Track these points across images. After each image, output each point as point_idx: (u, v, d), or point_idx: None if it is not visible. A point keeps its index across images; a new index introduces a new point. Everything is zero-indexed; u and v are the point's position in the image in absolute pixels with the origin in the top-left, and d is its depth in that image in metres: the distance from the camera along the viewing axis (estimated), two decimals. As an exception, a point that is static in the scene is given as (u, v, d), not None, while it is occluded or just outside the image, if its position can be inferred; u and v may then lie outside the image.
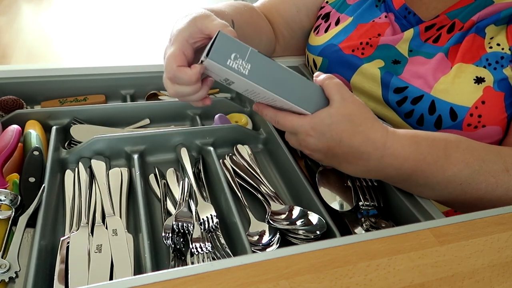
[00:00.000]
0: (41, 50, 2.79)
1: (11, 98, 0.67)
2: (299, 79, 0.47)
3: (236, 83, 0.47)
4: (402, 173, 0.50)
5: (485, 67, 0.58)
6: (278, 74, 0.46)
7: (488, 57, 0.58)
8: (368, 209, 0.56)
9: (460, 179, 0.50)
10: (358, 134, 0.47)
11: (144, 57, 0.74)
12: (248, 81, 0.45)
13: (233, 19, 0.66)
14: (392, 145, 0.48)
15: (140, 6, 3.61)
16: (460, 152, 0.50)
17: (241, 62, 0.44)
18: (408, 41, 0.64)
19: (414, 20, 0.66)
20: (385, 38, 0.66)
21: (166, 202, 0.57)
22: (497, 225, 0.44)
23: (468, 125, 0.58)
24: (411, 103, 0.61)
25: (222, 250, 0.50)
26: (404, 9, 0.66)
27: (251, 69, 0.44)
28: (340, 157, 0.49)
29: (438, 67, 0.60)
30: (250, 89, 0.47)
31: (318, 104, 0.48)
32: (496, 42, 0.59)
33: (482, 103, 0.57)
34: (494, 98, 0.57)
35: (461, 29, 0.61)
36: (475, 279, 0.38)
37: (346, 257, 0.38)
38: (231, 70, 0.44)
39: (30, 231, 0.48)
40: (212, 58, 0.43)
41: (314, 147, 0.49)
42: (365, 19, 0.71)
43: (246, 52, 0.44)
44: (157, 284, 0.34)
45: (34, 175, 0.53)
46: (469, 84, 0.58)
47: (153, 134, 0.65)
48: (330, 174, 0.59)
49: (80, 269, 0.45)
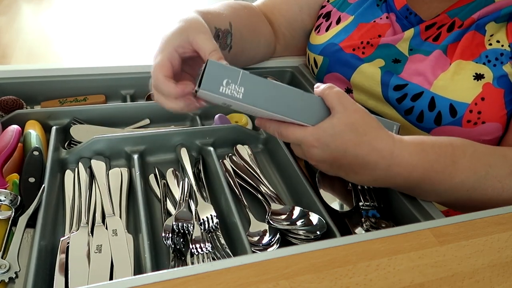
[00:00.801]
0: (41, 50, 2.79)
1: (11, 98, 0.67)
2: (296, 93, 0.46)
3: (234, 106, 0.47)
4: (410, 182, 0.49)
5: (484, 64, 0.58)
6: (272, 92, 0.45)
7: (488, 54, 0.58)
8: (368, 209, 0.56)
9: (467, 186, 0.50)
10: (363, 144, 0.46)
11: (144, 57, 0.74)
12: (243, 104, 0.45)
13: (231, 21, 0.66)
14: (400, 154, 0.47)
15: (140, 6, 3.61)
16: (467, 158, 0.50)
17: (234, 86, 0.44)
18: (408, 40, 0.65)
19: (415, 20, 0.66)
20: (385, 38, 0.67)
21: (166, 202, 0.57)
22: (497, 225, 0.44)
23: (468, 121, 0.58)
24: (411, 100, 0.61)
25: (222, 251, 0.50)
26: (405, 10, 0.66)
27: (244, 92, 0.44)
28: (346, 168, 0.48)
29: (436, 64, 0.60)
30: (248, 109, 0.47)
31: (319, 116, 0.47)
32: (496, 39, 0.59)
33: (482, 99, 0.57)
34: (494, 94, 0.57)
35: (460, 26, 0.61)
36: (475, 279, 0.38)
37: (346, 257, 0.38)
38: (225, 96, 0.44)
39: (30, 231, 0.48)
40: (205, 88, 0.43)
41: (319, 158, 0.48)
42: (366, 19, 0.71)
43: (237, 76, 0.44)
44: (157, 284, 0.34)
45: (34, 175, 0.53)
46: (468, 80, 0.58)
47: (153, 134, 0.65)
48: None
49: (80, 269, 0.45)
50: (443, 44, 0.61)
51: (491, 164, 0.51)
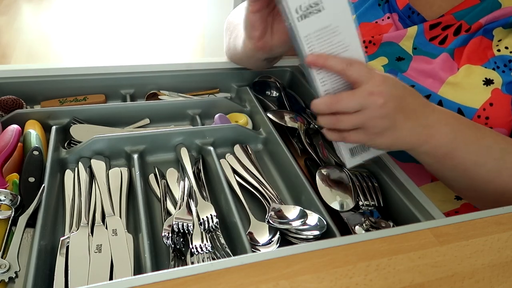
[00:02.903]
0: (41, 50, 2.79)
1: (11, 98, 0.67)
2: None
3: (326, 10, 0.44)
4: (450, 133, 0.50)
5: (494, 69, 0.58)
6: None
7: (496, 60, 0.58)
8: (368, 209, 0.56)
9: (496, 153, 0.51)
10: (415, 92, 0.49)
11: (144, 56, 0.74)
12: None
13: None
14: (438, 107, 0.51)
15: (140, 6, 3.61)
16: (488, 129, 0.52)
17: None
18: (412, 38, 0.64)
19: (418, 19, 0.65)
20: (388, 35, 0.66)
21: (166, 202, 0.57)
22: (497, 225, 0.44)
23: None
24: None
25: (222, 250, 0.50)
26: (408, 9, 0.66)
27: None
28: (409, 109, 0.48)
29: (443, 67, 0.60)
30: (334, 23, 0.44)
31: None
32: (504, 45, 0.58)
33: (490, 105, 0.57)
34: (502, 100, 0.57)
35: (467, 30, 0.60)
36: (475, 279, 0.38)
37: (346, 257, 0.38)
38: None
39: (30, 231, 0.48)
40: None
41: (389, 93, 0.45)
42: (368, 19, 0.70)
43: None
44: (157, 284, 0.34)
45: (34, 175, 0.53)
46: (478, 85, 0.58)
47: (153, 134, 0.65)
48: (330, 174, 0.59)
49: (80, 269, 0.45)
50: (450, 48, 0.61)
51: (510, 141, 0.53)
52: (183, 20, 3.40)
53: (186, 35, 3.14)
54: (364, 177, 0.60)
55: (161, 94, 0.77)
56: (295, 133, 0.70)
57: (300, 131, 0.68)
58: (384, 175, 0.59)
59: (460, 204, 0.66)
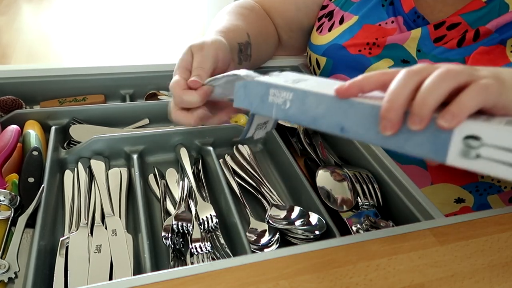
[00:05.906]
0: (41, 50, 2.79)
1: (10, 98, 0.67)
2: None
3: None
4: None
5: None
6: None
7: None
8: (367, 208, 0.56)
9: None
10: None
11: (144, 56, 0.74)
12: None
13: (248, 32, 0.68)
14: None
15: (140, 6, 3.61)
16: None
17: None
18: (416, 40, 0.63)
19: (423, 23, 0.64)
20: (392, 37, 0.65)
21: (166, 202, 0.57)
22: (497, 225, 0.44)
23: None
24: None
25: (221, 250, 0.50)
26: (413, 13, 0.65)
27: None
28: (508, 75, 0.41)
29: None
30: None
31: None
32: None
33: None
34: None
35: (476, 38, 0.59)
36: (475, 279, 0.38)
37: (346, 257, 0.38)
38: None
39: (30, 231, 0.48)
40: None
41: (488, 73, 0.36)
42: (371, 20, 0.69)
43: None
44: (157, 284, 0.34)
45: (33, 175, 0.53)
46: None
47: (153, 134, 0.65)
48: (330, 174, 0.59)
49: (80, 270, 0.44)
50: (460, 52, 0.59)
51: None
52: (183, 20, 3.40)
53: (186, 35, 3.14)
54: (364, 177, 0.60)
55: (161, 94, 0.77)
56: (295, 133, 0.70)
57: (300, 131, 0.68)
58: (384, 175, 0.59)
59: (460, 207, 0.66)
